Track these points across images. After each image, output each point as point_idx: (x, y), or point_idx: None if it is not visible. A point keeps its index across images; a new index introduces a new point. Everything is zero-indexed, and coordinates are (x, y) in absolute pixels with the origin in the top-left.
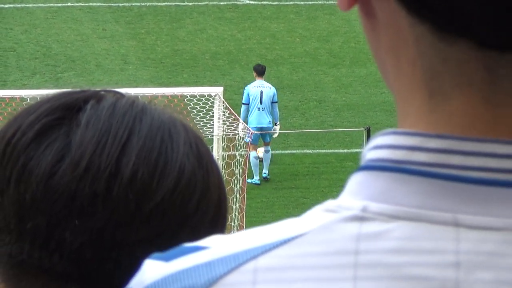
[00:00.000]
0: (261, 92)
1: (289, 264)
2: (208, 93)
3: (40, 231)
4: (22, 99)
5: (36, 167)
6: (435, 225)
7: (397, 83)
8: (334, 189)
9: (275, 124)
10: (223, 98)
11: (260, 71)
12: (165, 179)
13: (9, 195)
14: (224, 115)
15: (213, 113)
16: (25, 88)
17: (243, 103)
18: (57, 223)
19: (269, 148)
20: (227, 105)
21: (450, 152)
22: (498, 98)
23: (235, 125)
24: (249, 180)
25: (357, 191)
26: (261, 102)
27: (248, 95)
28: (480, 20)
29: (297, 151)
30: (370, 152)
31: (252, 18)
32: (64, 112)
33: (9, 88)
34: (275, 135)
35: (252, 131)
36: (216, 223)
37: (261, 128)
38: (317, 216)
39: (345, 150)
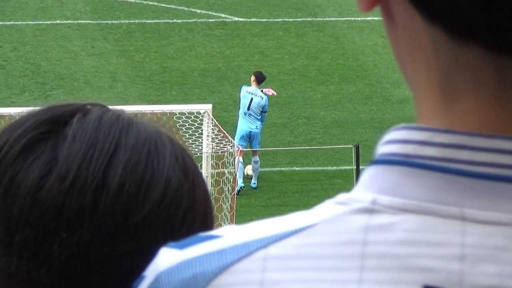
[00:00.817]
0: (251, 100)
1: (298, 253)
2: (197, 111)
3: (28, 244)
4: (11, 117)
5: (23, 180)
6: (442, 218)
7: (414, 84)
8: None
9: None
10: (212, 115)
11: (260, 79)
12: (151, 191)
13: None
14: (213, 132)
15: (202, 130)
16: (14, 106)
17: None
18: (45, 236)
19: (257, 158)
20: (216, 122)
21: (459, 147)
22: (510, 99)
23: (224, 143)
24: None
25: (369, 184)
26: (248, 109)
27: (239, 96)
28: (483, 23)
29: (286, 168)
30: (382, 147)
31: (241, 35)
32: (51, 126)
33: None
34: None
35: (241, 148)
36: None
37: (248, 134)
38: (328, 208)
39: (334, 167)
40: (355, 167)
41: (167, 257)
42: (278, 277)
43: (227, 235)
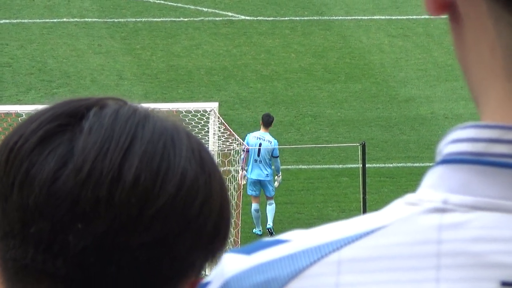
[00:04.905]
0: (260, 145)
1: (373, 255)
2: (203, 109)
3: (44, 236)
4: (18, 114)
5: (39, 172)
6: None
7: (478, 76)
8: (329, 204)
9: (277, 175)
10: (218, 113)
11: (266, 122)
12: (167, 184)
13: (13, 200)
14: (219, 130)
15: (208, 128)
16: (21, 104)
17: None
18: (60, 227)
19: (273, 202)
20: (222, 120)
21: None
22: None
23: (230, 141)
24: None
25: (438, 184)
26: (258, 155)
27: (247, 143)
28: None
29: (292, 166)
30: (448, 146)
31: (247, 33)
32: (67, 119)
33: (5, 103)
34: (276, 185)
35: (247, 146)
36: (218, 228)
37: (259, 181)
38: (398, 209)
39: (340, 166)
40: (361, 165)
41: (234, 263)
42: (354, 279)
43: (296, 239)
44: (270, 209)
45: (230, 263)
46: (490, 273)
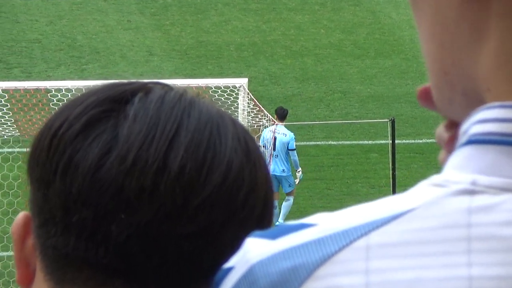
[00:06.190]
0: (275, 139)
1: (402, 240)
2: (232, 85)
3: (86, 224)
4: (47, 90)
5: (82, 159)
6: None
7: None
8: (358, 180)
9: (297, 171)
10: (248, 89)
11: (281, 115)
12: (213, 173)
13: (55, 187)
14: (248, 106)
15: (237, 104)
16: (50, 80)
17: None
18: (104, 216)
19: (291, 198)
20: (252, 96)
21: None
22: None
23: (260, 117)
24: None
25: (465, 165)
26: (274, 149)
27: (263, 138)
28: None
29: (322, 142)
30: (475, 126)
31: (277, 9)
32: (112, 105)
33: (34, 79)
34: (297, 182)
35: (275, 121)
36: (263, 218)
37: (275, 177)
38: (425, 191)
39: (370, 142)
40: (391, 141)
41: (259, 248)
42: (384, 265)
43: (322, 223)
44: (285, 205)
45: (255, 248)
46: None
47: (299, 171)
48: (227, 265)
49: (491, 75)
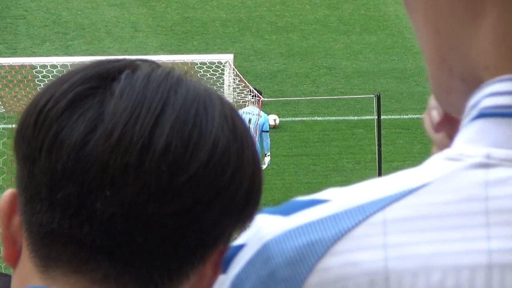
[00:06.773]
0: (249, 120)
1: (419, 214)
2: (218, 60)
3: (71, 201)
4: (32, 66)
5: (68, 136)
6: None
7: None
8: (344, 156)
9: (265, 155)
10: (233, 65)
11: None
12: (198, 151)
13: (41, 164)
14: (234, 82)
15: (223, 80)
16: (35, 56)
17: None
18: (88, 193)
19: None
20: (237, 72)
21: None
22: None
23: (245, 92)
24: None
25: (478, 138)
26: None
27: None
28: None
29: (308, 118)
30: (486, 100)
31: None
32: (98, 82)
33: (19, 55)
34: (264, 167)
35: (261, 97)
36: (249, 196)
37: None
38: (439, 165)
39: (356, 117)
40: (376, 116)
41: (273, 225)
42: (401, 240)
43: (335, 198)
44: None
45: (268, 225)
46: None
47: (267, 155)
48: (238, 242)
49: (489, 53)
